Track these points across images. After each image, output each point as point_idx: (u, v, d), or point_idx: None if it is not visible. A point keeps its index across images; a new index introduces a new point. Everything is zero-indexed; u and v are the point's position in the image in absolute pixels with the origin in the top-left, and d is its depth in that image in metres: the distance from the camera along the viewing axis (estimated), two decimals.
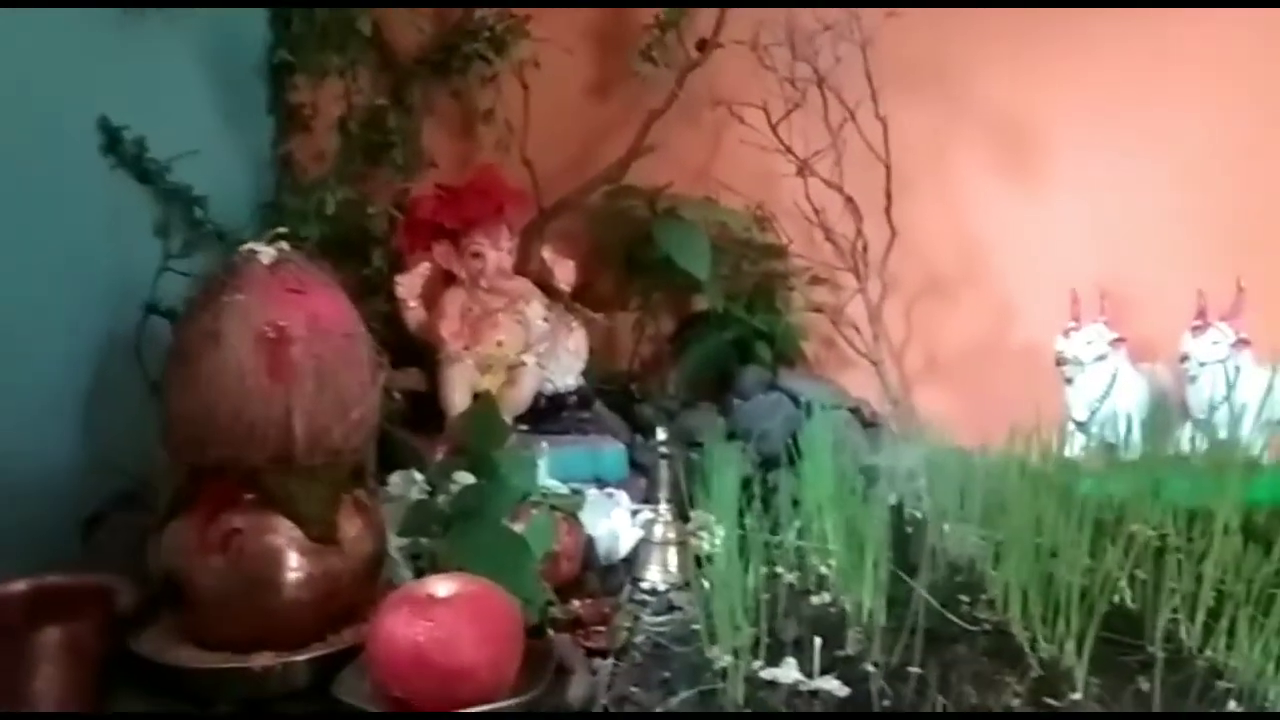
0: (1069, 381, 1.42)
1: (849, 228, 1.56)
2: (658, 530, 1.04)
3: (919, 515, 1.18)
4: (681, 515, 1.08)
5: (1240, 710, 0.74)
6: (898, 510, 1.11)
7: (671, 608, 0.97)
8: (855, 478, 1.14)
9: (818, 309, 1.58)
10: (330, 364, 0.82)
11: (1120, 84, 1.55)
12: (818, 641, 0.80)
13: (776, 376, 1.52)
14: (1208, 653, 0.82)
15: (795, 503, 1.10)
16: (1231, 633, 0.80)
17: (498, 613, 0.76)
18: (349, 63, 1.39)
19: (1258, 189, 1.56)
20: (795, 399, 1.49)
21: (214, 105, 1.42)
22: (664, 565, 1.03)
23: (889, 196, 1.49)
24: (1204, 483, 1.26)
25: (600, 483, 1.16)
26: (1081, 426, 1.41)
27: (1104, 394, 1.39)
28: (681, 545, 1.04)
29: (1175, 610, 0.88)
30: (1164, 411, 1.45)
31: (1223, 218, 1.57)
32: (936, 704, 0.71)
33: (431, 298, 1.26)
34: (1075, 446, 1.41)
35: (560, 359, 1.25)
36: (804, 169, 1.46)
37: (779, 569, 1.03)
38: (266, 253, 0.84)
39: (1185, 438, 1.39)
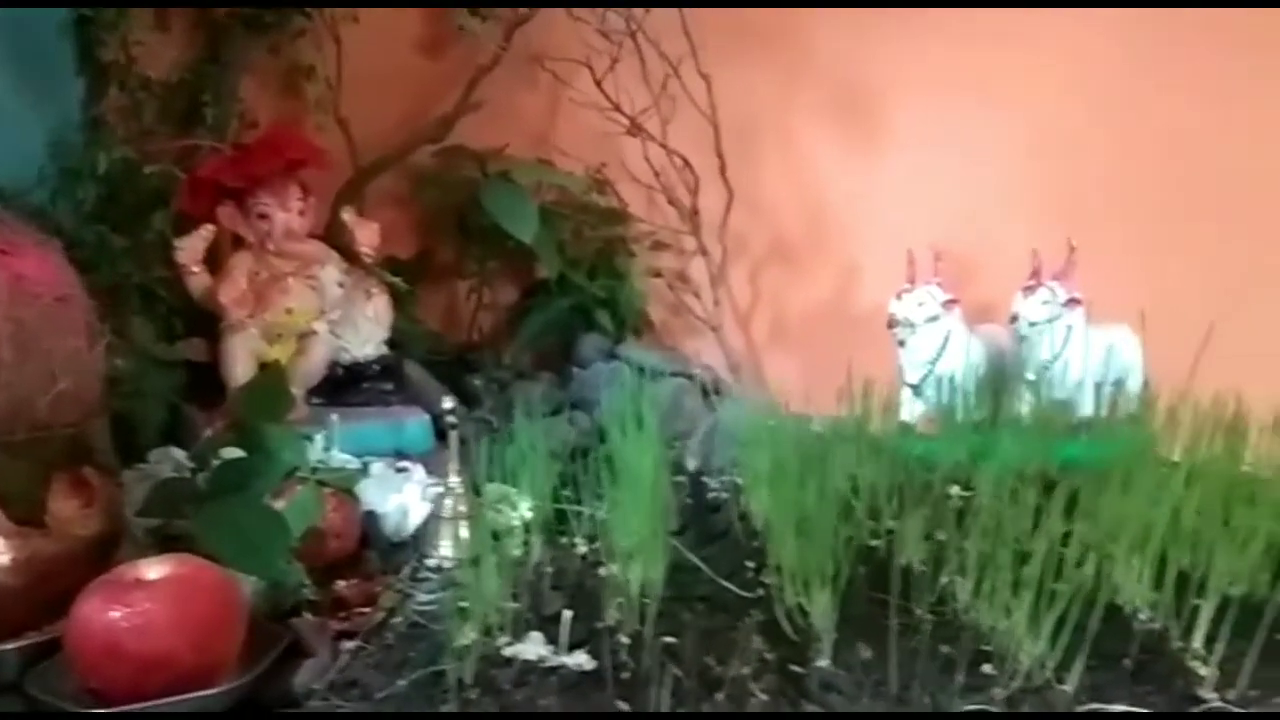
0: (901, 344, 1.40)
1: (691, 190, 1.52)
2: (447, 505, 0.99)
3: (737, 482, 1.15)
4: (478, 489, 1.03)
5: (994, 672, 0.72)
6: (697, 477, 1.08)
7: (451, 585, 0.92)
8: (660, 446, 1.11)
9: (657, 274, 1.54)
10: (35, 330, 0.75)
11: (959, 46, 1.53)
12: (567, 615, 0.76)
13: (618, 344, 1.48)
14: (972, 614, 0.80)
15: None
16: (993, 593, 0.78)
17: (207, 595, 0.70)
18: (117, 17, 1.30)
19: (1097, 149, 1.56)
20: (635, 367, 1.45)
21: (9, 65, 1.33)
22: (454, 541, 0.99)
23: (721, 157, 1.45)
24: (1030, 444, 1.26)
25: (402, 456, 1.11)
26: (915, 389, 1.40)
27: (936, 356, 1.38)
28: (473, 520, 0.99)
29: (954, 572, 0.86)
30: (998, 373, 1.45)
31: (1065, 178, 1.57)
32: (669, 673, 0.68)
33: (221, 263, 1.18)
34: (909, 409, 1.40)
35: (359, 327, 1.18)
36: (634, 128, 1.41)
37: (576, 541, 1.00)
38: None
39: (1019, 399, 1.39)
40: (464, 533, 0.99)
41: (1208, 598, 0.74)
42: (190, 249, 1.14)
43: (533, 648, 0.74)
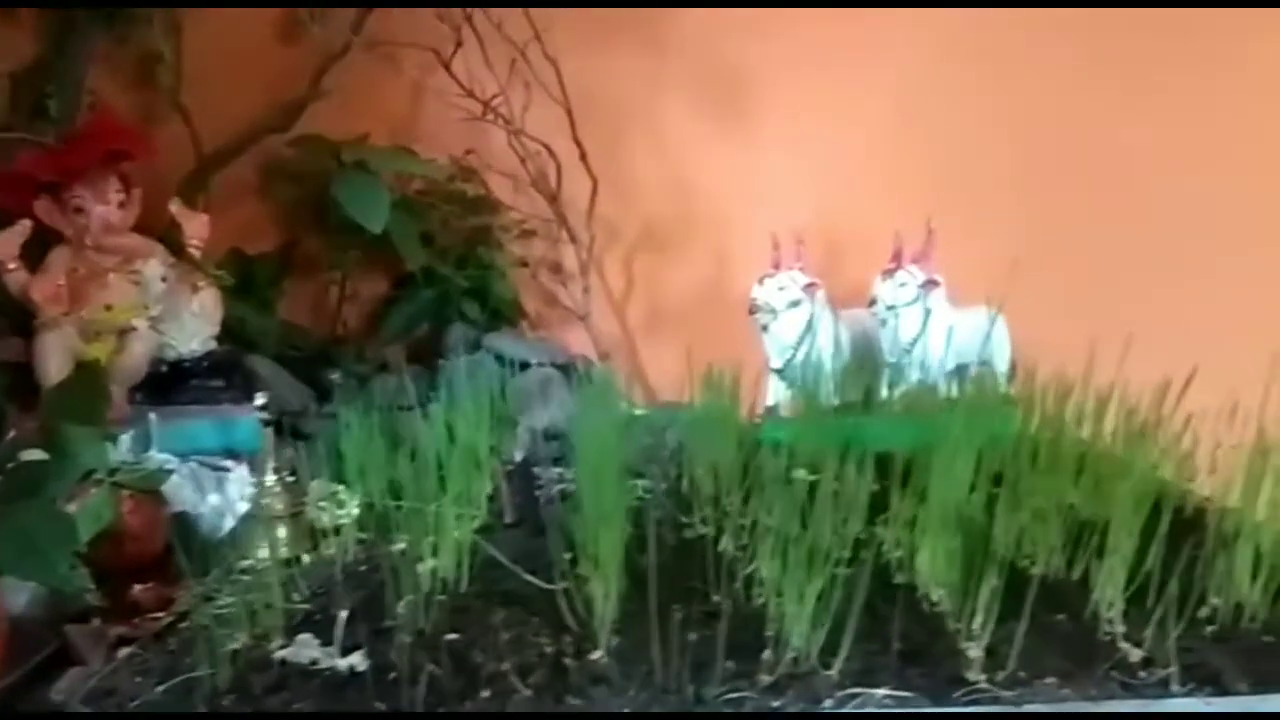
0: (765, 329, 1.39)
1: (565, 178, 1.50)
2: (264, 504, 0.97)
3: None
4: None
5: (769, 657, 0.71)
6: (528, 469, 1.07)
7: (260, 588, 0.90)
8: (488, 439, 1.10)
9: (523, 263, 1.52)
10: None
11: (825, 29, 1.52)
12: (342, 616, 0.75)
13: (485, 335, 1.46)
14: (765, 600, 0.79)
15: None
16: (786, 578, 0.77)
17: None
18: None
19: (969, 133, 1.56)
20: (501, 358, 1.43)
21: None
22: (270, 541, 0.96)
23: (579, 144, 1.43)
24: (890, 427, 1.27)
25: (232, 454, 1.08)
26: (780, 373, 1.40)
27: (799, 340, 1.37)
28: (293, 518, 0.97)
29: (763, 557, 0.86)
30: (862, 356, 1.45)
31: (937, 161, 1.57)
32: (427, 672, 0.67)
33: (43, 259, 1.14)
34: (774, 394, 1.40)
35: (183, 322, 1.15)
36: (488, 113, 1.39)
37: (402, 537, 0.98)
38: None
39: (882, 382, 1.40)
40: (282, 532, 0.97)
41: (988, 578, 0.74)
42: (6, 245, 1.09)
43: (306, 650, 0.73)
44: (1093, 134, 1.54)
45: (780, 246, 1.43)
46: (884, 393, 1.38)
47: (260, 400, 0.95)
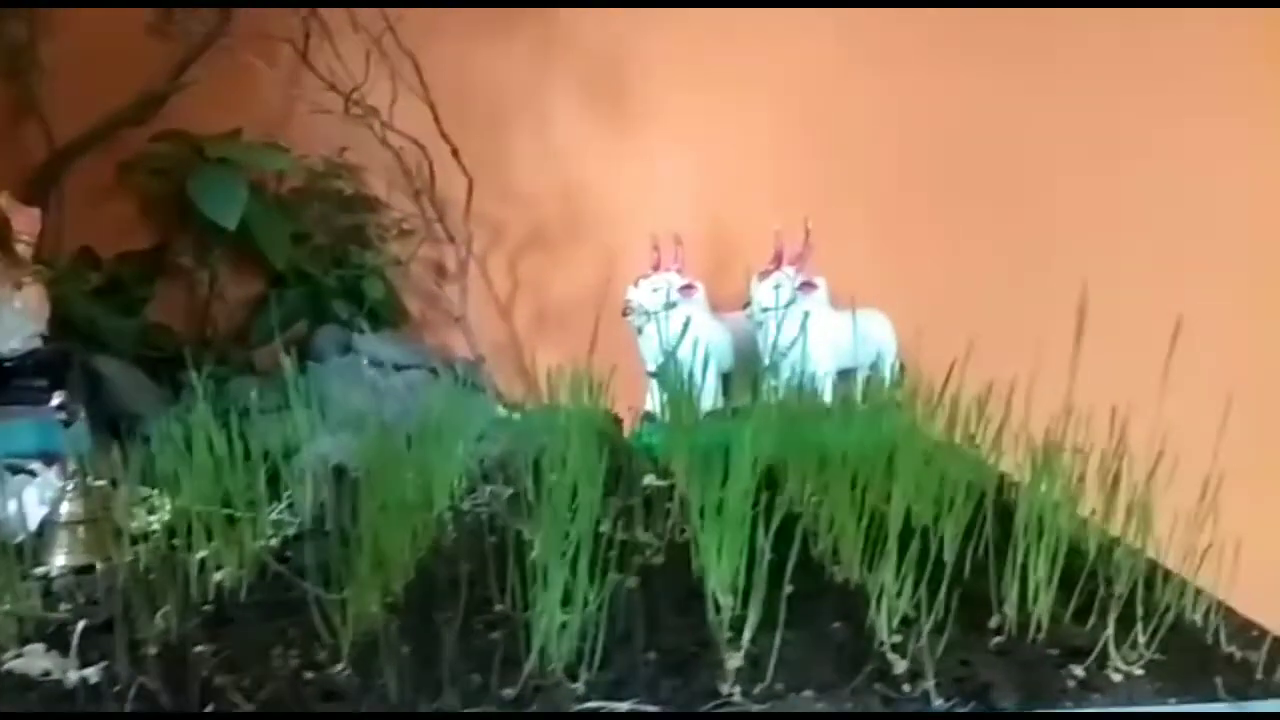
0: (639, 331, 1.36)
1: (444, 177, 1.46)
2: (64, 508, 0.93)
3: None
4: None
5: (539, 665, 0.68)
6: (339, 473, 1.03)
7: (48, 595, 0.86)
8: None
9: (397, 262, 1.48)
10: None
11: (713, 27, 1.50)
12: (80, 624, 0.71)
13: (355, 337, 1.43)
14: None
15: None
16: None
17: None
18: None
19: (856, 134, 1.54)
20: (371, 360, 1.40)
21: None
22: (71, 547, 0.92)
23: (448, 140, 1.39)
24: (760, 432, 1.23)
25: (49, 457, 1.04)
26: (655, 376, 1.36)
27: (675, 343, 1.34)
28: (92, 524, 0.93)
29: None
30: (744, 360, 1.42)
31: (823, 163, 1.54)
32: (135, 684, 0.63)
33: None
34: (652, 398, 1.37)
35: (3, 320, 1.11)
36: (351, 107, 1.35)
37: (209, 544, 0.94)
38: None
39: (759, 385, 1.37)
40: (82, 538, 0.93)
41: (757, 584, 0.70)
42: None
43: (38, 661, 0.69)
44: (978, 132, 1.52)
45: (659, 247, 1.40)
46: (759, 396, 1.35)
47: (56, 400, 0.91)
